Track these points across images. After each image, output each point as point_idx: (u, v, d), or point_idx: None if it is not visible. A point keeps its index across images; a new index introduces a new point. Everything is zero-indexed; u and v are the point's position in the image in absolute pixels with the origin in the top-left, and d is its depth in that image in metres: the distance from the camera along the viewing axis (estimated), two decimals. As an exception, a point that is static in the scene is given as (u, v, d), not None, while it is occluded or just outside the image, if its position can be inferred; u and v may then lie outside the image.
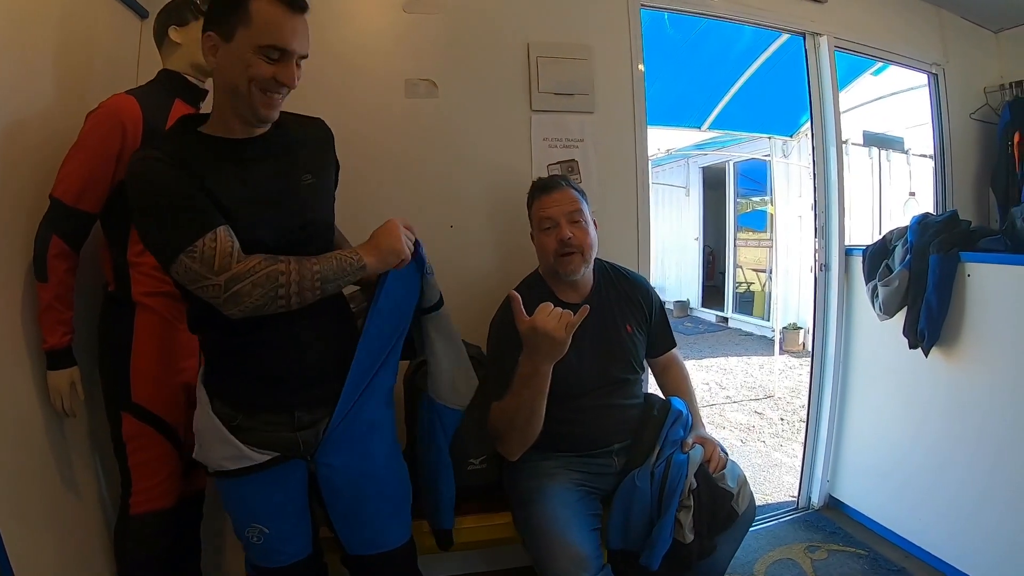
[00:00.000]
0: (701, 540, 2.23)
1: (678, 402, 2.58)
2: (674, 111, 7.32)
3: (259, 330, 1.76)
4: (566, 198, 2.53)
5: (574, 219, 2.49)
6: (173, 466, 2.19)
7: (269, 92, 1.71)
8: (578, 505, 2.30)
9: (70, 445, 2.17)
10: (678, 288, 13.72)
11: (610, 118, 3.24)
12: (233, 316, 1.64)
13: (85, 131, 2.05)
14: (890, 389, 3.56)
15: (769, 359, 8.15)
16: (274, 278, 1.63)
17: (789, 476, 4.53)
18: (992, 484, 2.95)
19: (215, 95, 1.79)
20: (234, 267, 1.60)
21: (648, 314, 2.69)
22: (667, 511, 2.22)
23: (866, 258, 3.57)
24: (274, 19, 1.65)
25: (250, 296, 1.61)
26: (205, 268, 1.58)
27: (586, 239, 2.48)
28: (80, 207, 2.01)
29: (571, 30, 3.18)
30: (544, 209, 2.53)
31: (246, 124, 1.77)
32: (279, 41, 1.67)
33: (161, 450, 2.16)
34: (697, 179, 13.26)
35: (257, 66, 1.66)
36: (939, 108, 4.39)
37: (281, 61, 1.69)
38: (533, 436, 2.29)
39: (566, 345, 2.12)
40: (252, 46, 1.65)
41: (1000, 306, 2.93)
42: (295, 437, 1.85)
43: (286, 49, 1.68)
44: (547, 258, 2.52)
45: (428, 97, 2.97)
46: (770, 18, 3.77)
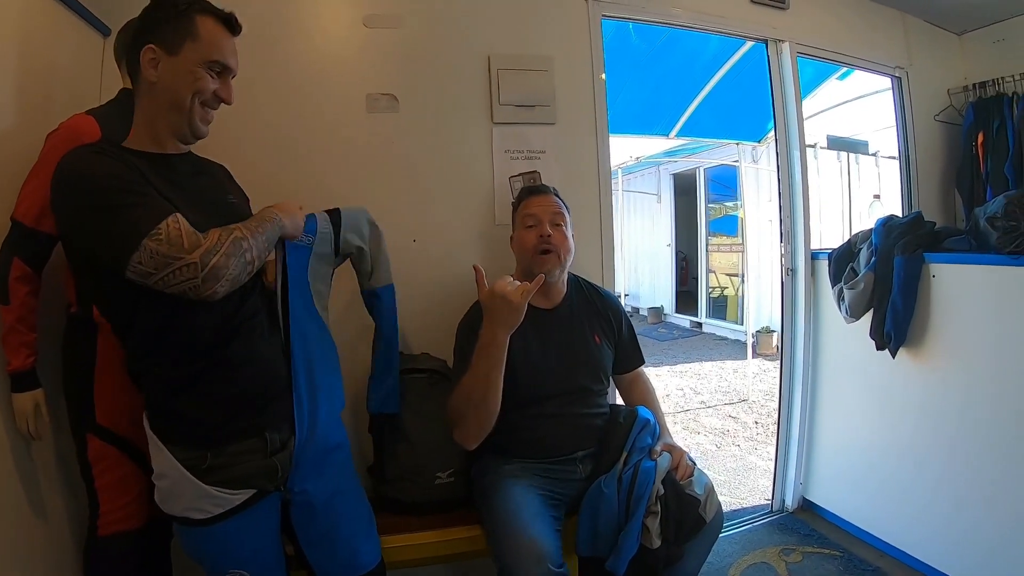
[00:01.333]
0: (668, 546, 2.22)
1: (644, 411, 2.58)
2: (642, 119, 7.34)
3: (215, 350, 1.73)
4: (551, 202, 2.63)
5: (556, 222, 2.56)
6: (140, 487, 2.14)
7: (208, 107, 1.77)
8: (541, 505, 2.28)
9: (37, 467, 2.13)
10: (652, 294, 13.81)
11: (572, 129, 3.24)
12: (213, 296, 1.59)
13: (45, 152, 2.01)
14: (859, 390, 3.58)
15: (743, 363, 8.18)
16: (239, 244, 1.62)
17: (764, 479, 4.54)
18: (961, 480, 2.98)
19: (145, 110, 1.76)
20: (203, 243, 1.56)
21: (617, 329, 2.71)
22: (634, 516, 2.21)
23: (831, 261, 3.60)
24: (218, 36, 1.74)
25: (227, 267, 1.58)
26: (175, 249, 1.51)
27: (564, 243, 2.55)
28: (41, 228, 1.97)
29: (532, 42, 3.18)
30: (530, 208, 2.60)
31: (178, 141, 1.80)
32: (223, 57, 1.75)
33: (127, 471, 2.12)
34: (668, 186, 13.37)
35: (203, 80, 1.72)
36: (903, 111, 4.43)
37: (221, 76, 1.77)
38: (489, 417, 2.27)
39: (521, 311, 2.18)
40: (200, 60, 1.71)
41: (966, 305, 2.97)
42: (272, 463, 1.82)
43: (228, 65, 1.77)
44: (526, 255, 2.56)
45: (389, 111, 2.95)
46: (732, 26, 3.79)
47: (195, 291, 1.56)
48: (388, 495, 2.59)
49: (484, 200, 3.08)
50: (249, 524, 1.81)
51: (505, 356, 2.23)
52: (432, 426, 2.56)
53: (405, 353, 2.80)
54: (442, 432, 2.43)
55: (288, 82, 2.82)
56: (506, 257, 2.76)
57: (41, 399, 2.03)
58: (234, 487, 1.76)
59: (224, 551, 1.83)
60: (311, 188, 2.17)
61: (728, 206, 11.89)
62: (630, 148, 10.95)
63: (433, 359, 2.79)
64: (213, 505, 1.75)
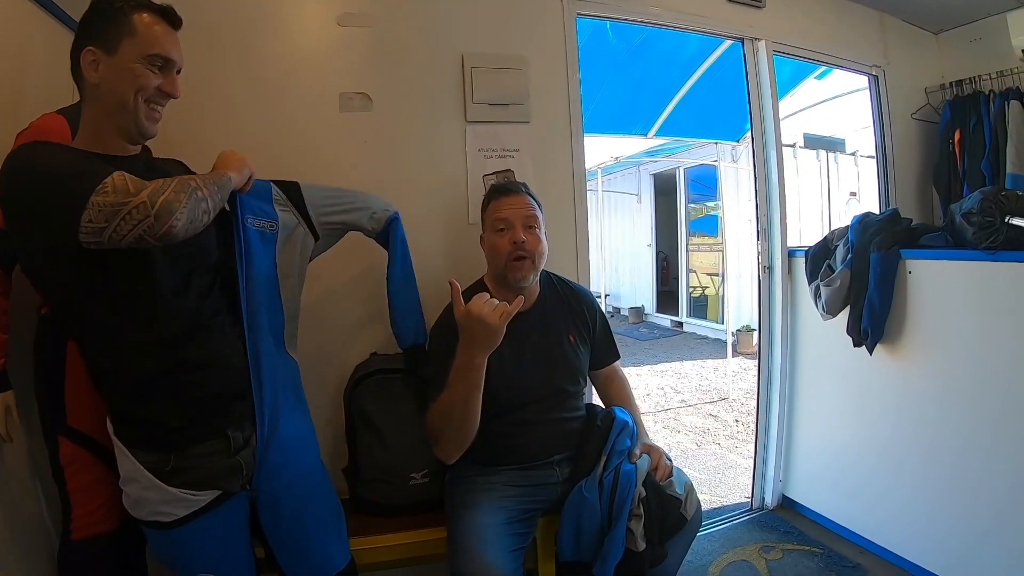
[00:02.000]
0: (653, 548, 2.21)
1: (622, 412, 2.55)
2: (620, 119, 7.35)
3: (175, 350, 1.71)
4: (524, 203, 2.50)
5: (529, 224, 2.46)
6: (113, 489, 2.09)
7: (153, 104, 1.74)
8: (505, 526, 2.25)
9: (9, 470, 2.09)
10: (632, 294, 13.83)
11: (546, 128, 3.22)
12: (171, 234, 1.50)
13: None
14: (837, 387, 3.59)
15: (723, 362, 8.21)
16: (187, 184, 1.57)
17: (745, 477, 4.55)
18: (939, 475, 3.00)
19: (90, 113, 1.75)
20: (149, 184, 1.51)
21: (592, 325, 2.67)
22: (618, 521, 2.19)
23: (808, 258, 3.62)
24: (156, 31, 1.70)
25: (178, 201, 1.51)
26: (121, 195, 1.46)
27: (538, 247, 2.45)
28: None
29: (506, 41, 3.16)
30: (500, 211, 2.48)
31: (126, 141, 1.77)
32: (164, 51, 1.71)
33: (99, 473, 2.07)
34: (648, 186, 13.40)
35: (145, 76, 1.68)
36: (880, 109, 4.46)
37: (164, 71, 1.72)
38: (468, 436, 2.25)
39: (500, 334, 2.11)
40: (139, 56, 1.67)
41: (942, 301, 2.98)
42: (236, 461, 1.81)
43: (170, 59, 1.73)
44: (498, 261, 2.47)
45: (362, 110, 2.92)
46: (708, 24, 3.79)
47: (150, 232, 1.47)
48: (363, 496, 2.57)
49: (458, 199, 3.05)
50: (216, 526, 1.80)
51: (483, 378, 2.19)
52: (406, 426, 2.54)
53: (380, 353, 2.80)
54: (417, 432, 2.42)
55: (261, 81, 2.79)
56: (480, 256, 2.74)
57: (11, 401, 1.98)
58: (199, 488, 1.76)
59: (193, 554, 1.82)
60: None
61: (708, 206, 11.90)
62: (610, 148, 10.97)
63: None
64: (180, 508, 1.74)
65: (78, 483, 2.06)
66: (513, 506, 2.33)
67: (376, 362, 2.71)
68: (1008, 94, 4.15)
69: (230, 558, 1.87)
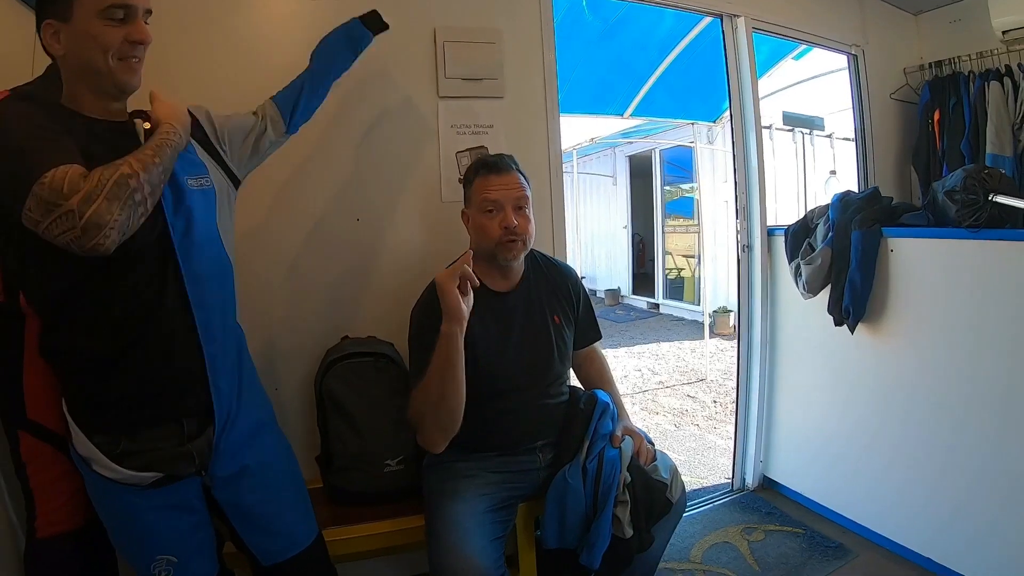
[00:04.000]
0: (640, 534, 2.19)
1: (603, 394, 2.51)
2: (596, 98, 7.33)
3: (128, 328, 1.66)
4: (514, 182, 2.39)
5: (520, 205, 2.37)
6: (77, 485, 2.03)
7: (126, 59, 1.63)
8: (486, 514, 2.22)
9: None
10: (608, 276, 13.84)
11: (521, 104, 3.15)
12: (100, 248, 1.43)
13: None
14: (818, 366, 3.58)
15: (701, 343, 8.24)
16: (124, 184, 1.46)
17: (724, 458, 4.55)
18: (919, 456, 3.00)
19: (68, 83, 1.69)
20: (84, 186, 1.41)
21: (576, 304, 2.62)
22: (604, 508, 2.17)
23: (788, 237, 3.58)
24: None
25: (110, 213, 1.42)
26: (54, 195, 1.40)
27: (528, 227, 2.38)
28: None
29: (479, 14, 3.08)
30: (490, 191, 2.37)
31: (110, 101, 1.70)
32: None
33: (62, 469, 1.99)
34: (624, 168, 13.40)
35: (105, 33, 1.58)
36: (859, 89, 4.46)
37: (127, 20, 1.61)
38: (450, 420, 2.16)
39: (451, 295, 2.02)
40: (93, 14, 1.57)
41: (924, 280, 2.97)
42: (187, 449, 1.76)
43: (128, 4, 1.60)
44: (487, 242, 2.37)
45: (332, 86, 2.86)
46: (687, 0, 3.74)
47: (77, 243, 1.42)
48: (336, 484, 2.52)
49: (431, 177, 2.99)
50: (167, 504, 1.78)
51: (459, 352, 2.09)
52: (379, 412, 2.50)
53: (352, 336, 2.75)
54: (390, 418, 2.39)
55: (227, 54, 2.71)
56: (453, 236, 2.68)
57: None
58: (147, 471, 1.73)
59: (146, 534, 1.79)
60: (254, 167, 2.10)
61: (684, 188, 11.96)
62: (585, 129, 10.94)
63: (380, 342, 2.70)
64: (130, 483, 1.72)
65: (40, 479, 2.00)
66: (495, 493, 2.29)
67: (347, 346, 2.65)
68: (988, 75, 4.17)
69: (186, 539, 1.83)
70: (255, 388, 2.00)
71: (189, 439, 1.76)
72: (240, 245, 2.05)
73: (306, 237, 2.64)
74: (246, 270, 2.12)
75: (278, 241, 2.71)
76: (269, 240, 2.72)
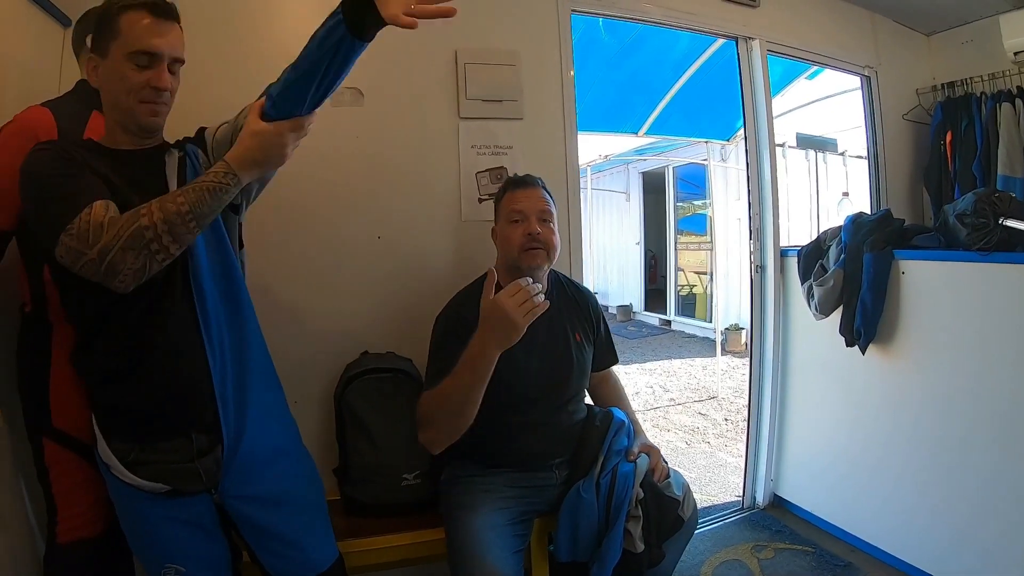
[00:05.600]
0: (651, 549, 2.21)
1: (619, 412, 2.55)
2: (611, 117, 7.33)
3: (144, 340, 1.71)
4: (539, 196, 2.49)
5: (544, 218, 2.44)
6: (99, 492, 2.06)
7: (147, 102, 1.72)
8: (505, 527, 2.24)
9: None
10: (620, 292, 13.83)
11: (539, 124, 3.20)
12: (121, 289, 1.56)
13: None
14: (829, 387, 3.60)
15: (712, 360, 8.23)
16: (140, 236, 1.54)
17: (734, 476, 4.55)
18: (928, 476, 3.02)
19: (105, 112, 1.80)
20: (103, 237, 1.52)
21: (596, 326, 2.66)
22: (615, 523, 2.19)
23: (801, 258, 3.61)
24: (140, 26, 1.67)
25: (124, 263, 1.53)
26: (81, 243, 1.52)
27: (552, 239, 2.43)
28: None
29: (500, 36, 3.14)
30: (516, 202, 2.47)
31: (133, 136, 1.78)
32: (145, 45, 1.67)
33: (85, 476, 2.03)
34: (637, 184, 13.41)
35: (131, 75, 1.67)
36: (872, 110, 4.47)
37: (152, 67, 1.69)
38: (461, 430, 2.20)
39: (520, 332, 2.08)
40: (123, 56, 1.66)
41: (935, 302, 2.99)
42: (195, 467, 1.79)
43: (153, 52, 1.68)
44: (511, 251, 2.43)
45: (354, 105, 2.88)
46: (702, 22, 3.79)
47: (103, 283, 1.56)
48: (353, 497, 2.55)
49: (450, 196, 3.04)
50: (178, 517, 1.81)
51: (491, 372, 2.13)
52: (398, 426, 2.53)
53: (371, 352, 2.78)
54: (408, 433, 2.39)
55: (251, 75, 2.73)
56: (473, 254, 2.73)
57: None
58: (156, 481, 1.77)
59: (157, 541, 1.83)
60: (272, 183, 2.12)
61: (696, 204, 11.93)
62: (598, 146, 10.96)
63: (399, 358, 2.75)
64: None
65: (63, 485, 2.03)
66: (512, 507, 2.32)
67: (367, 361, 2.69)
68: (1000, 96, 4.17)
69: (196, 552, 1.85)
70: (273, 413, 2.00)
71: (199, 455, 1.80)
72: (260, 262, 2.10)
73: (327, 254, 2.68)
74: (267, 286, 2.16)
75: (299, 258, 2.75)
76: (290, 257, 2.77)
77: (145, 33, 1.66)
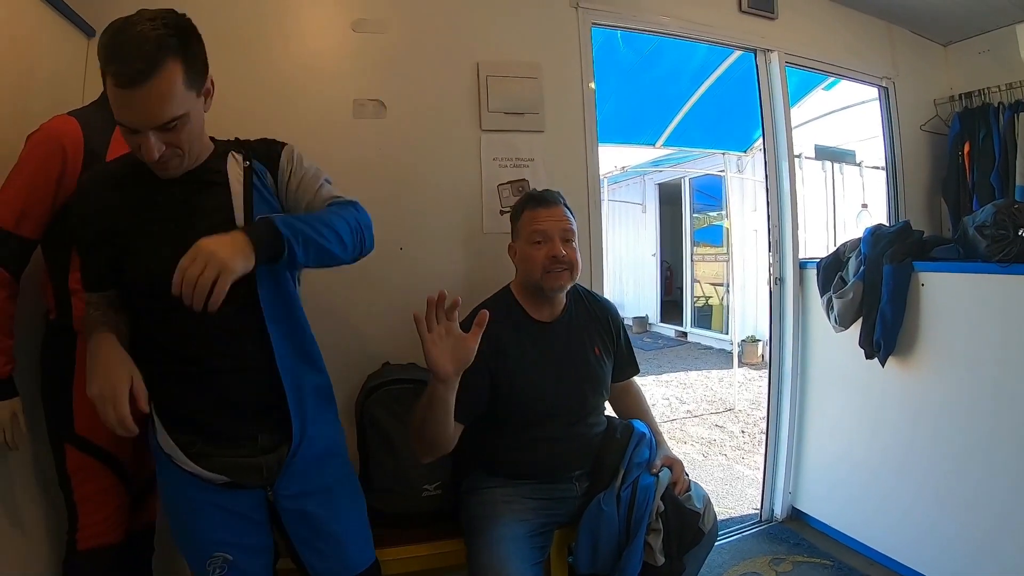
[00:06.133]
0: (671, 562, 2.20)
1: (640, 424, 2.55)
2: (628, 129, 7.34)
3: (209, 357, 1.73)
4: (561, 215, 2.47)
5: (567, 238, 2.43)
6: (120, 500, 2.11)
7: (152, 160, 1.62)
8: (526, 539, 2.24)
9: (14, 478, 2.09)
10: (636, 304, 13.80)
11: (561, 137, 3.22)
12: None
13: (25, 154, 1.98)
14: (848, 399, 3.59)
15: (729, 372, 8.21)
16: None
17: (752, 489, 4.53)
18: (948, 489, 2.99)
19: None
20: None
21: (615, 337, 2.66)
22: (636, 535, 2.19)
23: (820, 271, 3.61)
24: (113, 96, 1.54)
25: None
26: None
27: (576, 258, 2.43)
28: (20, 232, 1.94)
29: (521, 48, 3.17)
30: (538, 222, 2.44)
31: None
32: (119, 117, 1.57)
33: (107, 483, 2.08)
34: (653, 195, 13.42)
35: (126, 138, 1.61)
36: (890, 121, 4.47)
37: (138, 134, 1.57)
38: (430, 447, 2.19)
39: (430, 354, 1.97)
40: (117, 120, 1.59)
41: (954, 314, 2.98)
42: (258, 462, 1.80)
43: (123, 124, 1.58)
44: (533, 272, 2.42)
45: (376, 117, 2.92)
46: (721, 35, 3.81)
47: None
48: (373, 506, 2.51)
49: (472, 208, 3.06)
50: (229, 506, 1.82)
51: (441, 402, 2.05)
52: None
53: (393, 363, 2.80)
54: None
55: (274, 86, 2.78)
56: (494, 266, 2.74)
57: (18, 408, 1.97)
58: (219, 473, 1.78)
59: (207, 528, 1.83)
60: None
61: (712, 216, 11.92)
62: (615, 158, 11.01)
63: (420, 369, 2.71)
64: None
65: (85, 492, 2.06)
66: (532, 519, 2.32)
67: (388, 372, 2.71)
68: (1017, 106, 4.16)
69: (244, 541, 1.86)
70: (328, 415, 2.01)
71: (262, 452, 1.81)
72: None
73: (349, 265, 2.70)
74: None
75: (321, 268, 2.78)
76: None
77: (117, 105, 1.55)
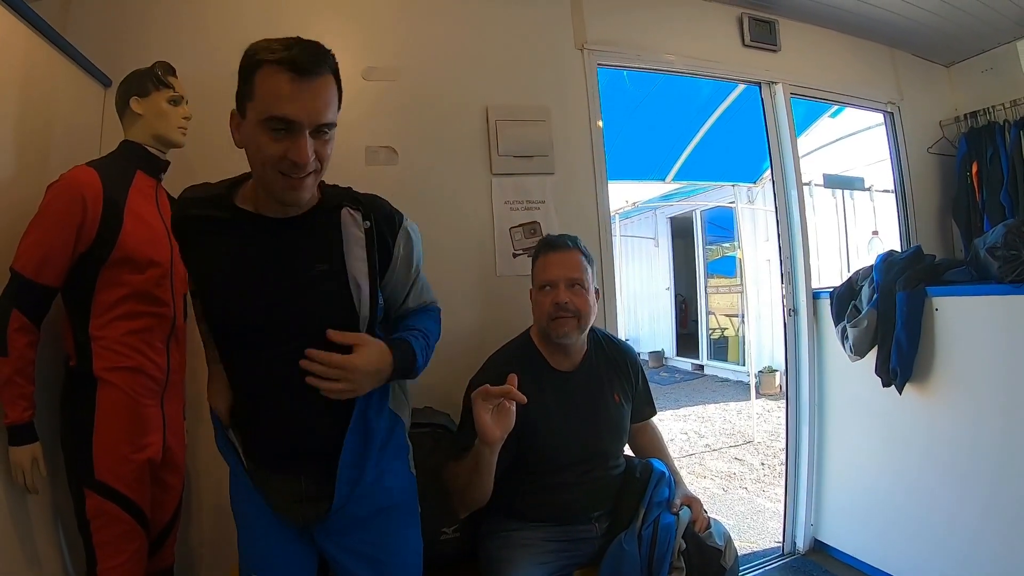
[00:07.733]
0: (694, 600, 2.20)
1: (658, 463, 2.54)
2: (638, 165, 7.40)
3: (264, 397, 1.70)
4: (570, 261, 2.45)
5: (573, 283, 2.42)
6: (138, 544, 2.12)
7: (287, 174, 1.51)
8: None
9: (32, 521, 2.11)
10: (652, 338, 13.76)
11: (570, 177, 3.25)
12: None
13: (45, 203, 2.03)
14: (867, 427, 3.55)
15: (747, 404, 8.13)
16: None
17: (773, 522, 4.49)
18: (971, 514, 2.96)
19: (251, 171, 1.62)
20: None
21: (635, 382, 2.65)
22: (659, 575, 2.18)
23: (834, 300, 3.61)
24: (276, 87, 1.44)
25: None
26: None
27: (584, 305, 2.41)
28: (41, 280, 1.99)
29: (529, 92, 3.21)
30: (546, 270, 2.46)
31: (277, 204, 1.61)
32: (279, 110, 1.44)
33: (125, 528, 2.09)
34: (665, 229, 13.42)
35: (266, 144, 1.47)
36: (897, 145, 4.49)
37: (289, 135, 1.47)
38: (473, 505, 2.22)
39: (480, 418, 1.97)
40: (257, 122, 1.47)
41: (970, 337, 2.97)
42: (300, 509, 1.75)
43: (289, 119, 1.45)
44: (541, 319, 2.45)
45: (388, 164, 2.95)
46: (725, 70, 3.85)
47: None
48: (392, 550, 2.54)
49: (485, 252, 3.08)
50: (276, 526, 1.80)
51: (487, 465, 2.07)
52: (437, 481, 2.49)
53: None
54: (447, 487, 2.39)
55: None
56: (508, 308, 2.75)
57: (39, 453, 2.01)
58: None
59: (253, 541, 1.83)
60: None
61: (725, 247, 11.93)
62: (626, 193, 11.06)
63: (437, 412, 2.76)
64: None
65: (104, 536, 2.08)
66: (552, 562, 2.31)
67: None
68: (1023, 123, 4.16)
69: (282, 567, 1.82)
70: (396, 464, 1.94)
71: (305, 499, 1.74)
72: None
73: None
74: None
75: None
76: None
77: (280, 96, 1.44)
